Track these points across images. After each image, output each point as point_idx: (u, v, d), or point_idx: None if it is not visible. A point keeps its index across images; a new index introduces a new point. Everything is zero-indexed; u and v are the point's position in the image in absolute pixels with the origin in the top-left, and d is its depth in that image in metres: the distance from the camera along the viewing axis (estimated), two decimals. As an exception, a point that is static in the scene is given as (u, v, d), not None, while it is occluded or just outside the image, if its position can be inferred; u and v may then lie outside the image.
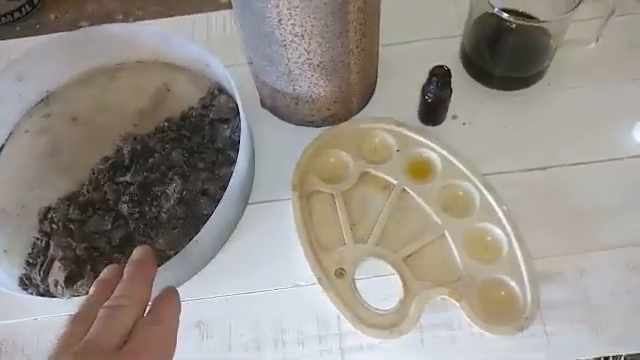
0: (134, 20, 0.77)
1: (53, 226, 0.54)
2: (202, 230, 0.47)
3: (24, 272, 0.53)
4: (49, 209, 0.56)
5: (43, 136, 0.61)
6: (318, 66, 0.50)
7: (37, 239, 0.54)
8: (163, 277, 0.46)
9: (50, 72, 0.63)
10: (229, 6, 0.52)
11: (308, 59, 0.49)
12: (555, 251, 0.51)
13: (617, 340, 0.48)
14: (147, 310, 0.35)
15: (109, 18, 0.78)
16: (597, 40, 0.57)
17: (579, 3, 0.50)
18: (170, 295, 0.37)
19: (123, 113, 0.61)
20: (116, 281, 0.35)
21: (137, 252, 0.38)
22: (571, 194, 0.54)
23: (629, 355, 0.48)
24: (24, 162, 0.60)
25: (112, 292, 0.34)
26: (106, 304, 0.33)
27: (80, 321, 0.33)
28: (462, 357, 0.48)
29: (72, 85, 0.64)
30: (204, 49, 0.57)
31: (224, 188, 0.53)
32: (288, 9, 0.43)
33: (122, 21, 0.77)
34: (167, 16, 0.75)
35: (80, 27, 0.76)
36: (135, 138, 0.58)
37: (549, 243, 0.51)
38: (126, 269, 0.36)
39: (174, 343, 0.35)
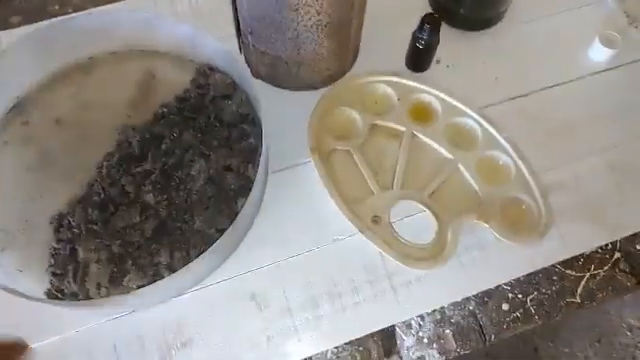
0: (73, 10, 0.70)
1: (74, 231, 0.52)
2: (245, 206, 0.48)
3: (50, 286, 0.50)
4: (61, 216, 0.53)
5: (27, 145, 0.57)
6: (326, 26, 0.51)
7: (56, 249, 0.52)
8: (209, 259, 0.47)
9: (16, 76, 0.58)
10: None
11: (318, 20, 0.50)
12: (553, 164, 0.58)
13: (615, 227, 0.56)
14: None
15: (43, 10, 0.71)
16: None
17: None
18: None
19: (111, 107, 0.59)
20: None
21: None
22: (554, 113, 0.61)
23: (623, 238, 0.56)
24: (14, 176, 0.56)
25: None
26: None
27: None
28: (497, 270, 0.54)
29: (45, 87, 0.60)
30: (194, 29, 0.56)
31: (246, 161, 0.54)
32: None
33: (59, 12, 0.70)
34: (112, 1, 0.70)
35: (11, 23, 0.70)
36: (134, 128, 0.56)
37: (547, 158, 0.58)
38: None
39: None
